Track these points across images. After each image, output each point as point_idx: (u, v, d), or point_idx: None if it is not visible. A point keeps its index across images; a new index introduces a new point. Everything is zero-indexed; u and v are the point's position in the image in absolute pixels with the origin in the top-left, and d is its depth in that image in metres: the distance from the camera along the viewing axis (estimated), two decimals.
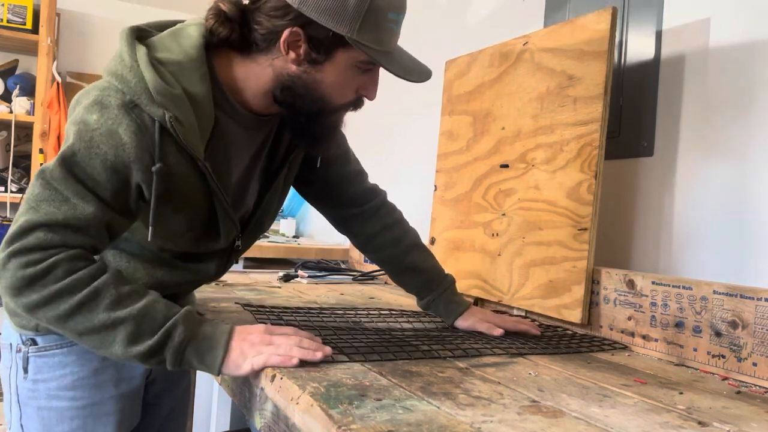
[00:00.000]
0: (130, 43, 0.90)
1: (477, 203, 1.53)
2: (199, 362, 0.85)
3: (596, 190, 1.21)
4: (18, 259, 0.81)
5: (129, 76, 0.87)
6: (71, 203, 0.84)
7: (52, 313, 0.82)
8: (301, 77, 0.94)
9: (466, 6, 1.91)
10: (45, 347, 1.02)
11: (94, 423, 1.03)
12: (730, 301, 0.99)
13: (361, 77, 0.97)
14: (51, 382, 1.02)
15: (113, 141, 0.85)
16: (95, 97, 0.87)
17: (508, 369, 0.92)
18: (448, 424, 0.66)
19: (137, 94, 0.86)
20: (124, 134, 0.85)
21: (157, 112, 0.86)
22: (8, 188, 3.26)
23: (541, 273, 1.30)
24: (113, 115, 0.85)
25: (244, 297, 1.45)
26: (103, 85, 0.88)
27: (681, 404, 0.81)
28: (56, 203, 0.84)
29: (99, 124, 0.85)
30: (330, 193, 1.24)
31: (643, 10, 1.31)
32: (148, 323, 0.83)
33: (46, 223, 0.83)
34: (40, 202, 0.84)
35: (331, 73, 0.94)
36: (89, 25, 3.65)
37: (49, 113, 3.21)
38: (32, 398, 1.02)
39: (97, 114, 0.86)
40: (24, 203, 0.85)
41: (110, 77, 0.88)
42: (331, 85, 0.95)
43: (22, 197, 0.87)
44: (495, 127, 1.50)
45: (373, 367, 0.88)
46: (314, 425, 0.69)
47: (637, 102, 1.31)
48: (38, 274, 0.81)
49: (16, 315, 1.02)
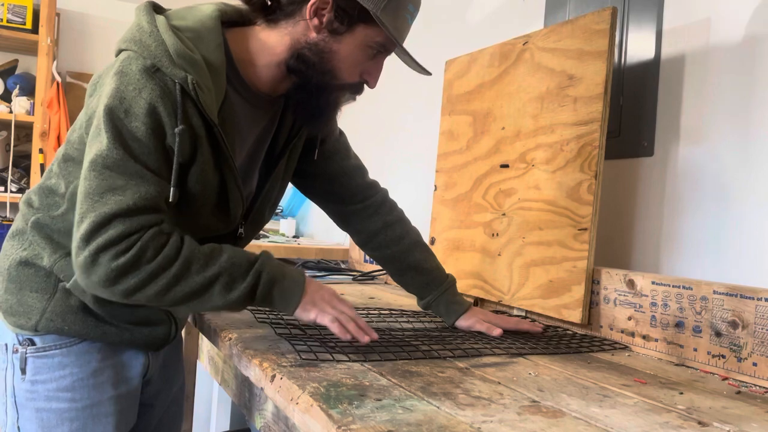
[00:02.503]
0: (148, 12, 0.92)
1: (477, 203, 1.53)
2: (280, 301, 0.95)
3: (596, 190, 1.21)
4: (107, 253, 0.84)
5: (149, 41, 0.89)
6: (133, 186, 0.86)
7: (152, 291, 0.87)
8: (318, 45, 0.97)
9: (466, 6, 1.91)
10: (44, 347, 1.01)
11: (94, 424, 1.02)
12: (730, 301, 0.98)
13: (369, 62, 1.01)
14: (50, 383, 1.01)
15: (146, 107, 0.87)
16: (117, 69, 0.89)
17: (508, 369, 0.92)
18: (448, 424, 0.66)
19: (158, 57, 0.88)
20: (151, 98, 0.87)
21: (179, 74, 0.88)
22: (8, 188, 3.26)
23: (541, 273, 1.30)
24: (135, 80, 0.87)
25: None
26: (123, 56, 0.90)
27: (681, 404, 0.81)
28: (120, 191, 0.86)
29: (128, 93, 0.87)
30: (330, 188, 1.24)
31: (643, 10, 1.31)
32: (236, 270, 0.92)
33: (119, 213, 0.85)
34: (104, 194, 0.85)
35: (347, 45, 0.97)
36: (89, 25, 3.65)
37: (48, 113, 3.21)
38: (30, 399, 1.01)
39: (123, 84, 0.87)
40: (84, 199, 0.86)
41: (129, 44, 0.90)
42: (343, 59, 0.98)
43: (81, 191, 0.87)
44: (495, 127, 1.50)
45: (373, 367, 0.88)
46: (314, 425, 0.69)
47: (637, 102, 1.31)
48: (131, 262, 0.85)
49: (12, 314, 1.01)
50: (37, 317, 0.99)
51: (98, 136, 0.88)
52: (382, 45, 0.99)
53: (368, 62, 1.01)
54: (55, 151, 3.23)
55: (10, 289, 1.01)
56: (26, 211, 1.04)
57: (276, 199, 1.16)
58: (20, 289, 1.00)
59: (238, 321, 1.16)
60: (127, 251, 0.85)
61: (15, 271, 1.01)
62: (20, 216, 1.05)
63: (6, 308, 1.02)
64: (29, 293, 1.00)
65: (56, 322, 0.99)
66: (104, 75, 0.93)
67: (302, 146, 1.15)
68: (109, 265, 0.85)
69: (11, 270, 1.01)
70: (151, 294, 0.88)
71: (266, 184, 1.10)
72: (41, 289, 1.00)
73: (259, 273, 0.93)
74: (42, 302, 0.99)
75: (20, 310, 1.00)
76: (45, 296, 0.99)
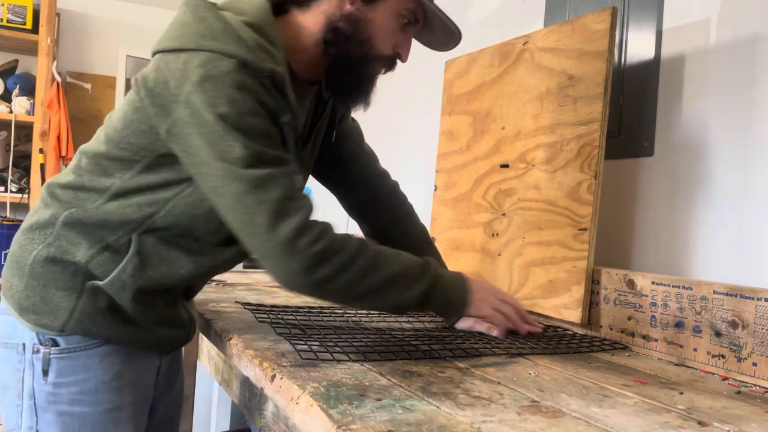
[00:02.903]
0: (210, 9, 0.91)
1: (477, 203, 1.53)
2: (454, 300, 1.02)
3: (596, 190, 1.21)
4: (302, 239, 0.86)
5: (226, 38, 0.87)
6: (283, 174, 0.88)
7: (341, 282, 0.90)
8: (353, 14, 0.98)
9: (466, 6, 1.91)
10: (68, 348, 0.96)
11: (115, 429, 0.99)
12: (730, 301, 0.98)
13: (400, 34, 1.03)
14: (74, 386, 0.96)
15: (256, 102, 0.87)
16: (202, 75, 0.85)
17: (508, 369, 0.92)
18: (448, 424, 0.66)
19: (241, 54, 0.87)
20: (255, 94, 0.87)
21: (267, 67, 0.88)
22: (8, 188, 3.26)
23: (541, 273, 1.30)
24: (232, 81, 0.85)
25: (245, 297, 1.45)
26: (200, 60, 0.86)
27: (681, 404, 0.81)
28: (276, 180, 0.87)
29: (233, 95, 0.85)
30: (344, 173, 1.24)
31: (643, 10, 1.31)
32: (412, 272, 0.97)
33: (287, 196, 0.87)
34: (264, 184, 0.86)
35: (381, 13, 0.99)
36: (89, 25, 3.65)
37: (48, 113, 3.21)
38: (52, 402, 0.96)
39: (223, 87, 0.85)
40: (243, 196, 0.86)
41: (204, 47, 0.87)
42: (378, 28, 1.00)
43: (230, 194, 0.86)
44: (495, 127, 1.50)
45: (373, 367, 0.88)
46: (314, 425, 0.69)
47: (637, 102, 1.31)
48: (326, 248, 0.88)
49: (34, 313, 0.96)
50: (65, 317, 0.95)
51: (223, 145, 0.85)
52: (412, 12, 1.02)
53: (400, 34, 1.03)
54: (55, 151, 3.23)
55: (32, 286, 0.96)
56: (53, 204, 0.99)
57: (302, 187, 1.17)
58: (44, 287, 0.95)
59: (238, 321, 1.16)
60: (318, 240, 0.88)
61: (40, 267, 0.96)
62: (44, 209, 0.99)
63: (26, 306, 0.96)
64: (54, 291, 0.95)
65: (84, 323, 0.95)
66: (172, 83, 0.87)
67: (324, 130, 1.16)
68: (307, 252, 0.86)
69: (35, 266, 0.96)
70: (341, 285, 0.90)
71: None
72: (68, 287, 0.95)
73: (435, 276, 1.00)
74: (70, 302, 0.95)
75: (45, 309, 0.95)
76: (72, 295, 0.95)
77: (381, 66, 1.05)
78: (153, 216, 0.95)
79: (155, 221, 0.95)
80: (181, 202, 0.95)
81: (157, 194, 0.95)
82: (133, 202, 0.95)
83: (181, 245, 0.98)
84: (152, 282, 0.97)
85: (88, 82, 3.65)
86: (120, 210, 0.95)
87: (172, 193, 0.95)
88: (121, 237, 0.96)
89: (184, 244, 0.98)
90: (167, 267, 0.97)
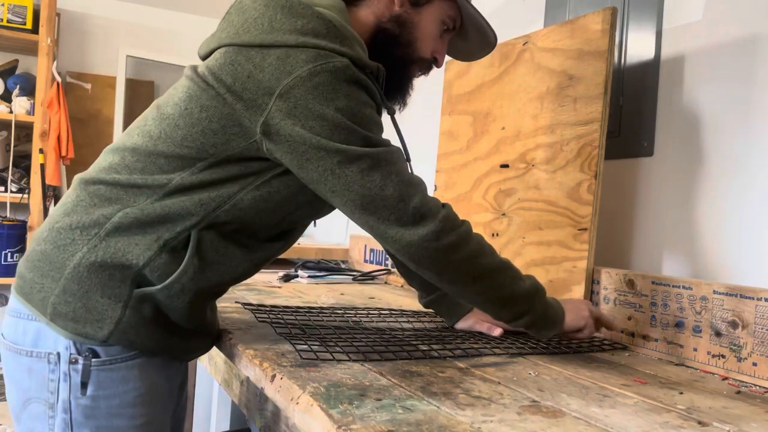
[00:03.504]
0: (306, 5, 0.92)
1: (477, 203, 1.53)
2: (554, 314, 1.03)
3: (596, 190, 1.21)
4: (430, 209, 0.91)
5: (332, 35, 0.90)
6: (399, 160, 0.93)
7: (465, 252, 0.94)
8: (401, 17, 1.01)
9: None
10: (109, 360, 0.91)
11: None
12: (730, 301, 0.99)
13: (439, 40, 1.06)
14: (113, 399, 0.91)
15: (365, 99, 0.90)
16: (313, 71, 0.86)
17: (508, 369, 0.92)
18: (448, 424, 0.66)
19: (350, 51, 0.90)
20: (368, 90, 0.90)
21: (372, 64, 0.92)
22: (8, 188, 3.26)
23: (542, 273, 1.30)
24: (346, 76, 0.88)
25: (245, 297, 1.45)
26: (307, 56, 0.87)
27: (681, 404, 0.81)
28: (397, 157, 0.92)
29: (351, 91, 0.88)
30: None
31: (643, 10, 1.31)
32: (516, 270, 1.00)
33: (405, 180, 0.92)
34: (380, 164, 0.90)
35: (427, 17, 1.02)
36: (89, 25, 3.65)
37: (49, 113, 3.21)
38: (91, 417, 0.91)
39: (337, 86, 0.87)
40: (368, 174, 0.89)
41: (311, 42, 0.88)
42: (423, 31, 1.03)
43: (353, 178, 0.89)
44: (495, 127, 1.50)
45: (373, 367, 0.88)
46: (314, 425, 0.69)
47: (637, 102, 1.31)
48: (450, 219, 0.93)
49: (74, 321, 0.88)
50: (110, 327, 0.88)
51: (342, 134, 0.87)
52: (453, 20, 1.05)
53: (439, 40, 1.05)
54: (55, 151, 3.23)
55: (72, 291, 0.88)
56: (101, 204, 0.91)
57: None
58: (87, 293, 0.88)
59: (239, 321, 1.16)
60: (443, 206, 0.94)
61: (86, 272, 0.88)
62: (89, 208, 0.91)
63: (65, 312, 0.88)
64: (99, 299, 0.88)
65: (129, 334, 0.90)
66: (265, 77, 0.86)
67: None
68: (437, 217, 0.91)
69: (80, 269, 0.88)
70: (465, 255, 0.94)
71: None
72: (114, 295, 0.88)
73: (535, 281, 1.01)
74: (117, 311, 0.88)
75: (88, 318, 0.88)
76: (119, 304, 0.88)
77: (419, 69, 1.07)
78: (216, 210, 0.91)
79: (219, 215, 0.91)
80: (248, 196, 0.92)
81: (222, 189, 0.91)
82: (195, 197, 0.90)
83: (238, 241, 0.95)
84: (210, 284, 0.94)
85: (88, 82, 3.65)
86: (180, 204, 0.90)
87: (239, 187, 0.92)
88: (180, 234, 0.90)
89: (241, 240, 0.95)
90: (225, 266, 0.94)
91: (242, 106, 0.87)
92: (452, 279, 0.96)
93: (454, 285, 0.97)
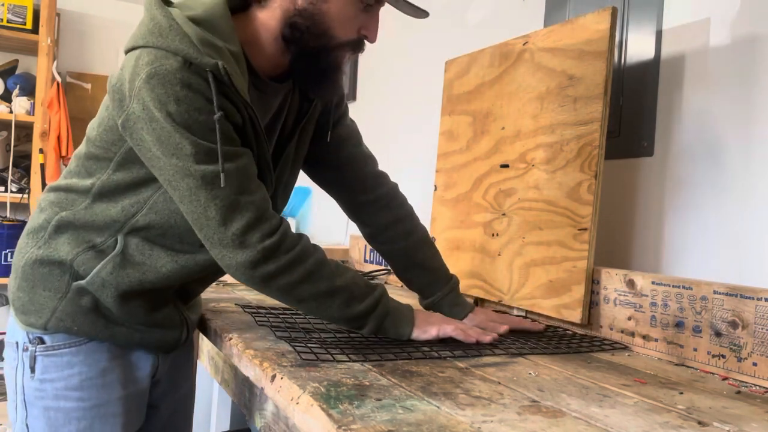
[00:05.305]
0: (159, 6, 0.91)
1: (477, 203, 1.53)
2: (393, 327, 1.02)
3: (596, 190, 1.21)
4: (254, 233, 0.90)
5: (171, 35, 0.88)
6: (239, 173, 0.90)
7: (284, 282, 0.92)
8: (307, 9, 0.98)
9: (466, 6, 1.91)
10: (53, 346, 1.01)
11: (101, 424, 1.02)
12: (730, 301, 0.99)
13: (363, 15, 1.00)
14: (58, 382, 1.01)
15: (203, 100, 0.88)
16: (148, 72, 0.86)
17: (508, 369, 0.92)
18: (448, 424, 0.66)
19: (185, 50, 0.87)
20: (201, 90, 0.88)
21: (210, 62, 0.88)
22: (8, 188, 3.26)
23: (541, 273, 1.30)
24: (177, 79, 0.86)
25: (244, 297, 1.45)
26: (147, 57, 0.88)
27: (681, 404, 0.81)
28: (229, 177, 0.89)
29: (179, 93, 0.86)
30: (342, 175, 1.23)
31: (643, 10, 1.31)
32: (358, 291, 0.98)
33: (241, 191, 0.90)
34: (215, 179, 0.88)
35: (335, 3, 0.97)
36: (89, 25, 3.65)
37: (49, 113, 3.21)
38: (39, 398, 1.01)
39: (167, 86, 0.86)
40: (198, 190, 0.88)
41: (148, 41, 0.88)
42: (335, 17, 0.98)
43: (186, 189, 0.89)
44: (495, 127, 1.50)
45: (373, 367, 0.88)
46: (314, 425, 0.69)
47: (637, 102, 1.31)
48: (276, 245, 0.91)
49: (23, 312, 1.01)
50: (47, 316, 0.99)
51: (173, 142, 0.87)
52: None
53: (363, 16, 1.00)
54: (55, 151, 3.23)
55: (23, 287, 1.01)
56: (47, 208, 1.03)
57: (287, 184, 1.15)
58: (33, 288, 1.00)
59: (239, 321, 1.16)
60: (272, 234, 0.91)
61: (30, 269, 1.01)
62: (39, 214, 1.04)
63: (18, 306, 1.02)
64: (41, 292, 1.00)
65: (66, 322, 1.00)
66: (126, 78, 0.90)
67: (313, 130, 1.15)
68: (256, 246, 0.90)
69: (26, 268, 1.01)
70: (283, 284, 0.93)
71: (276, 168, 1.08)
72: (54, 288, 0.99)
73: (377, 301, 1.00)
74: (53, 301, 0.99)
75: (31, 309, 1.00)
76: (57, 295, 0.99)
77: (345, 52, 1.03)
78: (135, 215, 0.98)
79: (138, 220, 0.98)
80: (160, 199, 0.98)
81: (139, 194, 0.98)
82: (118, 204, 0.98)
83: (163, 245, 1.01)
84: (133, 281, 0.99)
85: (88, 82, 3.65)
86: (105, 211, 0.98)
87: (152, 191, 0.98)
88: (108, 238, 0.99)
89: (167, 243, 1.01)
90: (147, 265, 0.99)
91: (113, 105, 0.93)
92: (277, 299, 0.99)
93: (281, 301, 1.00)
